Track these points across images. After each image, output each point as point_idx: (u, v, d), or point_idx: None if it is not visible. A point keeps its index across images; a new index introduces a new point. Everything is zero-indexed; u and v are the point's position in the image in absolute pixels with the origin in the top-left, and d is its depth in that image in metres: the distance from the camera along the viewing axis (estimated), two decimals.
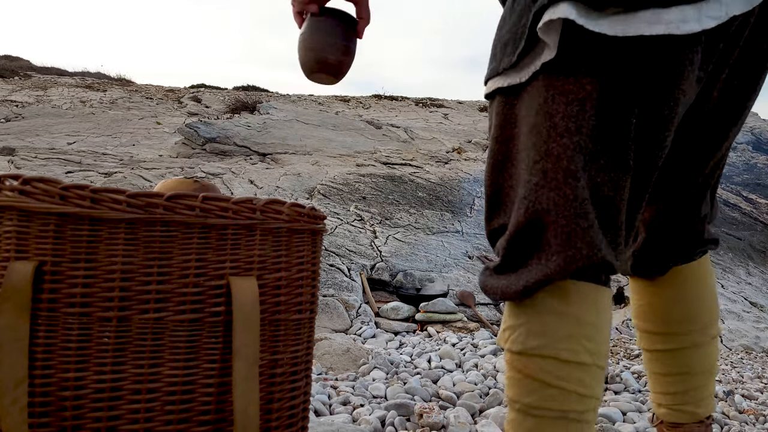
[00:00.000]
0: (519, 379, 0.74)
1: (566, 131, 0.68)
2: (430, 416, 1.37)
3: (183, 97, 11.10)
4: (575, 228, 0.68)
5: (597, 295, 0.73)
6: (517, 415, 0.75)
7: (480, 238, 3.86)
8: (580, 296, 0.72)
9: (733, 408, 1.69)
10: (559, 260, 0.69)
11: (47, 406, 0.64)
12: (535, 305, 0.73)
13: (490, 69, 0.78)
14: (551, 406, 0.72)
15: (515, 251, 0.74)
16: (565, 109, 0.67)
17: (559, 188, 0.68)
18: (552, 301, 0.72)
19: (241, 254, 0.71)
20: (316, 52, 0.86)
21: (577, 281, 0.71)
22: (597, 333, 0.72)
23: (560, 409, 0.71)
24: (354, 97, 13.51)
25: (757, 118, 13.00)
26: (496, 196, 0.78)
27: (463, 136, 8.48)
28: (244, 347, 0.69)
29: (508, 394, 0.77)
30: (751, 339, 3.07)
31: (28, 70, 14.92)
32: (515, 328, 0.75)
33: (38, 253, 0.65)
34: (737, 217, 6.06)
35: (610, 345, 1.07)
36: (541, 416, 0.72)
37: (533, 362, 0.72)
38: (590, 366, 0.72)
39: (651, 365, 1.04)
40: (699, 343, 0.99)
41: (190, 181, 0.85)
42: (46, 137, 6.50)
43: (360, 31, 0.90)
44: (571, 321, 0.71)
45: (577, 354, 0.71)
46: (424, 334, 2.38)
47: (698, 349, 0.99)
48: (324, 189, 4.29)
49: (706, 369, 1.00)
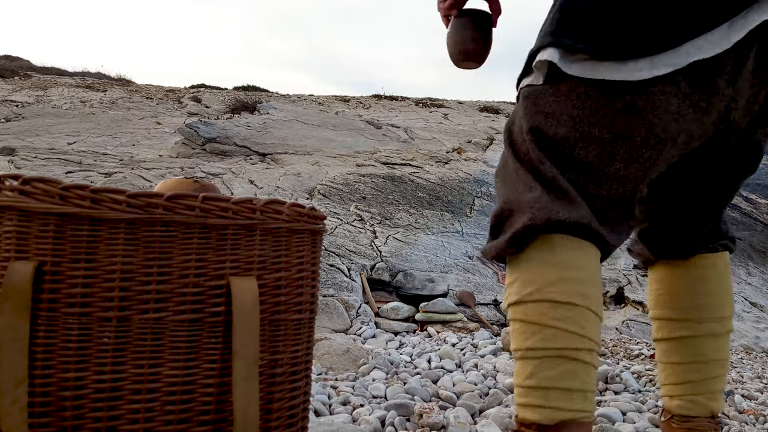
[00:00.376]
0: (518, 328, 0.83)
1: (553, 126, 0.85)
2: (430, 416, 1.37)
3: (183, 97, 11.11)
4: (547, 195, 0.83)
5: (582, 246, 0.82)
6: (519, 363, 0.83)
7: (480, 239, 3.86)
8: (565, 247, 0.82)
9: (733, 408, 1.69)
10: (536, 214, 0.81)
11: (47, 406, 0.64)
12: (527, 258, 0.83)
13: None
14: (547, 345, 0.79)
15: (502, 217, 0.88)
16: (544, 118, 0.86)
17: (534, 169, 0.85)
18: (540, 253, 0.82)
19: (241, 254, 0.72)
20: (459, 45, 1.08)
21: (563, 234, 0.81)
22: (585, 278, 0.82)
23: (555, 347, 0.79)
24: (354, 97, 13.52)
25: None
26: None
27: (463, 136, 8.48)
28: (244, 347, 0.69)
29: (512, 348, 0.85)
30: (751, 339, 3.08)
31: (28, 70, 14.92)
32: (512, 283, 0.86)
33: (38, 253, 0.65)
34: (737, 217, 6.06)
35: (602, 296, 1.22)
36: (540, 357, 0.80)
37: (529, 308, 0.82)
38: (582, 308, 0.80)
39: (666, 356, 1.08)
40: (716, 334, 1.03)
41: (190, 181, 0.86)
42: (46, 137, 6.50)
43: (494, 21, 1.10)
44: (559, 267, 0.81)
45: (568, 296, 0.80)
46: (424, 335, 2.38)
47: (715, 340, 1.03)
48: (324, 189, 4.29)
49: (721, 361, 1.04)
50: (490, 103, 13.72)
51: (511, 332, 0.86)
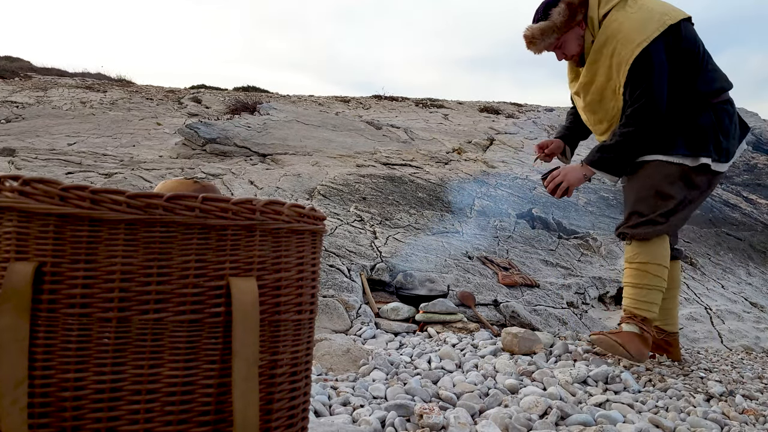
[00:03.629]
0: (640, 273, 2.03)
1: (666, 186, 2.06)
2: (430, 417, 1.37)
3: (183, 98, 11.11)
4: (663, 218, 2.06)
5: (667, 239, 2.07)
6: (636, 290, 2.05)
7: (480, 239, 3.86)
8: (665, 240, 2.04)
9: (734, 408, 1.69)
10: (663, 227, 2.02)
11: (47, 406, 0.64)
12: (651, 242, 2.03)
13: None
14: (654, 284, 2.02)
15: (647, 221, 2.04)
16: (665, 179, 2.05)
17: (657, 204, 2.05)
18: (658, 240, 2.03)
19: (240, 255, 0.72)
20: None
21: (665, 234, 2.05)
22: (669, 256, 2.06)
23: (657, 285, 2.03)
24: (354, 98, 13.52)
25: (758, 119, 12.99)
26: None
27: (463, 137, 8.48)
28: (243, 348, 0.69)
29: (632, 282, 2.06)
30: (752, 339, 3.07)
31: (29, 71, 14.93)
32: (640, 252, 2.03)
33: (38, 253, 0.65)
34: (737, 217, 6.06)
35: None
36: (649, 288, 2.02)
37: (648, 267, 2.02)
38: (668, 269, 2.05)
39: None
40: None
41: (190, 182, 0.86)
42: (46, 138, 6.50)
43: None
44: (665, 250, 2.04)
45: (667, 262, 2.04)
46: (424, 335, 2.38)
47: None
48: (324, 189, 4.29)
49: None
50: (490, 103, 13.72)
51: (632, 275, 2.06)
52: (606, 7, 2.00)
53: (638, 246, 2.04)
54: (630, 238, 2.06)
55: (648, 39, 1.90)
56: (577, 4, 2.00)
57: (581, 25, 2.04)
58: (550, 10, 2.02)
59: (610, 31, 1.97)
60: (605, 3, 2.01)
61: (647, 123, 1.97)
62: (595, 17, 2.01)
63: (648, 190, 2.02)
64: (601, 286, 3.50)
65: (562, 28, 2.02)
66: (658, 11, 1.95)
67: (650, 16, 1.93)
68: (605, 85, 2.04)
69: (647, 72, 1.92)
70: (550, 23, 2.02)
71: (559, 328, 2.73)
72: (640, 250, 2.04)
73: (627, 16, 1.95)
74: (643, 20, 1.93)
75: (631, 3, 1.99)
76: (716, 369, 2.18)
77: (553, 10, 2.01)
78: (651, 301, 2.03)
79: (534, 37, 2.05)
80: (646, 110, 1.95)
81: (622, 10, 1.97)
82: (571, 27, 2.03)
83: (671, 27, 1.92)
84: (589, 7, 2.02)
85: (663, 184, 2.00)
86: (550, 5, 2.03)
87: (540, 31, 2.03)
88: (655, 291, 2.03)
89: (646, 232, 2.01)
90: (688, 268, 4.32)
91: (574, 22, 2.02)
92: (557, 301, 3.04)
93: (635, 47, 1.91)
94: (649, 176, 2.03)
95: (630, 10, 1.97)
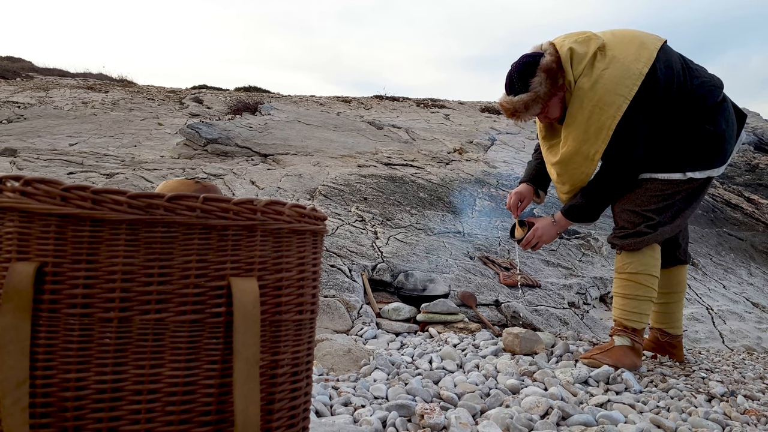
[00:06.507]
0: (630, 284, 2.03)
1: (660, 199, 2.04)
2: (432, 417, 1.37)
3: (185, 98, 11.12)
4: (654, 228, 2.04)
5: (658, 249, 2.08)
6: (626, 300, 2.05)
7: (481, 239, 3.86)
8: (655, 249, 2.06)
9: (735, 409, 1.68)
10: (652, 236, 2.02)
11: (48, 406, 0.64)
12: (641, 252, 2.03)
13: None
14: (644, 294, 2.03)
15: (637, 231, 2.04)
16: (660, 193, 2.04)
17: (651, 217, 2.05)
18: (648, 250, 2.03)
19: (241, 255, 0.72)
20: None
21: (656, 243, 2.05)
22: (659, 265, 2.07)
23: (647, 296, 2.03)
24: (355, 98, 13.52)
25: (759, 119, 12.97)
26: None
27: (465, 137, 8.48)
28: (244, 348, 0.69)
29: (622, 293, 2.06)
30: (753, 339, 3.07)
31: (30, 71, 14.95)
32: (630, 263, 2.03)
33: (39, 254, 0.65)
34: (739, 217, 6.05)
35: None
36: (639, 299, 2.03)
37: (637, 277, 2.02)
38: (658, 278, 2.06)
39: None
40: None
41: (191, 182, 0.86)
42: (48, 138, 6.51)
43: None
44: (655, 260, 2.05)
45: (657, 271, 2.05)
46: (426, 335, 2.38)
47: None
48: (325, 190, 4.29)
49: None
50: (492, 103, 13.71)
51: (623, 286, 2.05)
52: (578, 68, 1.91)
53: (628, 256, 2.03)
54: (620, 248, 2.06)
55: (627, 99, 1.84)
56: (556, 68, 1.91)
57: (562, 89, 1.95)
58: (528, 80, 1.92)
59: (583, 93, 1.90)
60: (577, 63, 1.92)
61: (625, 175, 1.99)
62: (572, 80, 1.92)
63: (636, 205, 2.02)
64: (602, 286, 3.50)
65: (545, 97, 1.93)
66: (631, 59, 1.87)
67: (624, 72, 1.85)
68: (577, 150, 1.96)
69: (630, 132, 1.88)
70: (533, 95, 1.92)
71: (561, 328, 2.73)
72: (630, 260, 2.03)
73: (600, 76, 1.87)
74: (618, 78, 1.85)
75: (600, 58, 1.90)
76: (718, 369, 2.18)
77: (532, 80, 1.92)
78: (641, 311, 2.02)
79: (517, 111, 1.96)
80: (625, 165, 1.96)
81: (592, 70, 1.89)
82: (555, 94, 1.95)
83: (648, 72, 1.85)
84: (565, 71, 1.92)
85: (652, 199, 2.00)
86: (524, 75, 1.93)
87: (524, 105, 1.94)
88: (645, 301, 2.02)
89: (635, 242, 2.01)
90: (690, 268, 4.32)
91: (557, 87, 1.93)
92: (558, 302, 3.04)
93: (615, 111, 1.85)
94: (638, 192, 2.02)
95: (600, 66, 1.89)
